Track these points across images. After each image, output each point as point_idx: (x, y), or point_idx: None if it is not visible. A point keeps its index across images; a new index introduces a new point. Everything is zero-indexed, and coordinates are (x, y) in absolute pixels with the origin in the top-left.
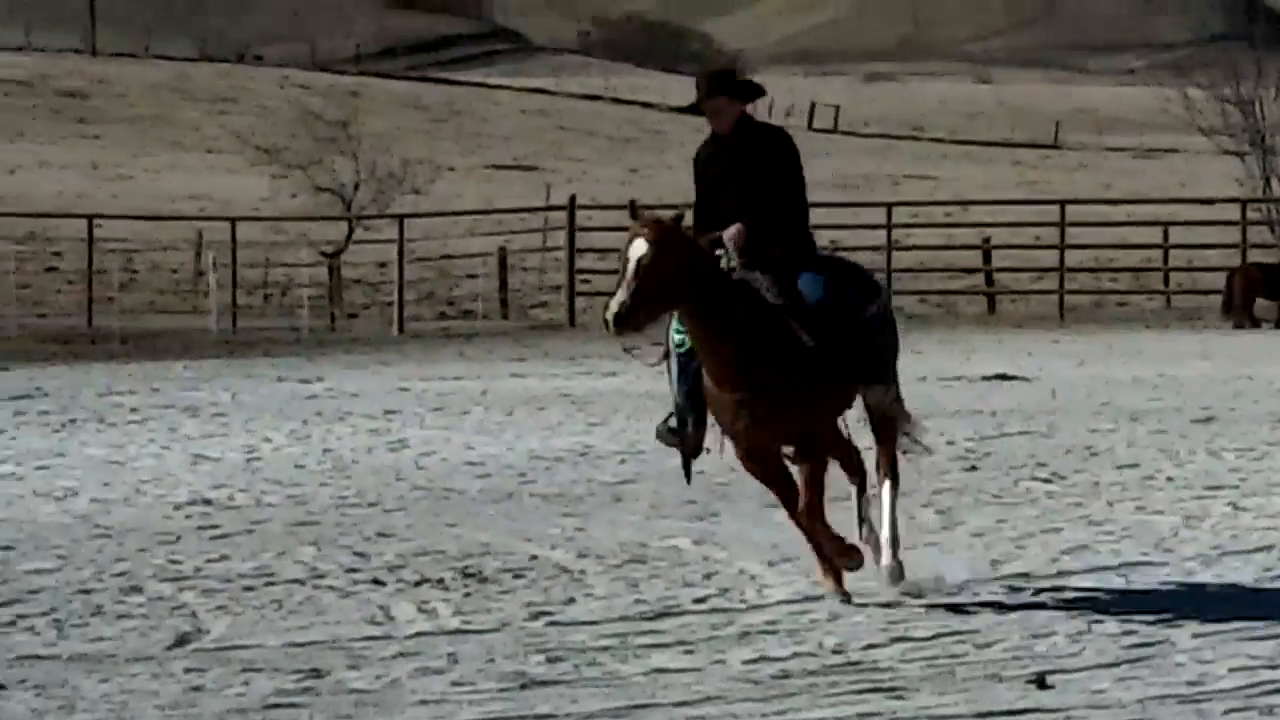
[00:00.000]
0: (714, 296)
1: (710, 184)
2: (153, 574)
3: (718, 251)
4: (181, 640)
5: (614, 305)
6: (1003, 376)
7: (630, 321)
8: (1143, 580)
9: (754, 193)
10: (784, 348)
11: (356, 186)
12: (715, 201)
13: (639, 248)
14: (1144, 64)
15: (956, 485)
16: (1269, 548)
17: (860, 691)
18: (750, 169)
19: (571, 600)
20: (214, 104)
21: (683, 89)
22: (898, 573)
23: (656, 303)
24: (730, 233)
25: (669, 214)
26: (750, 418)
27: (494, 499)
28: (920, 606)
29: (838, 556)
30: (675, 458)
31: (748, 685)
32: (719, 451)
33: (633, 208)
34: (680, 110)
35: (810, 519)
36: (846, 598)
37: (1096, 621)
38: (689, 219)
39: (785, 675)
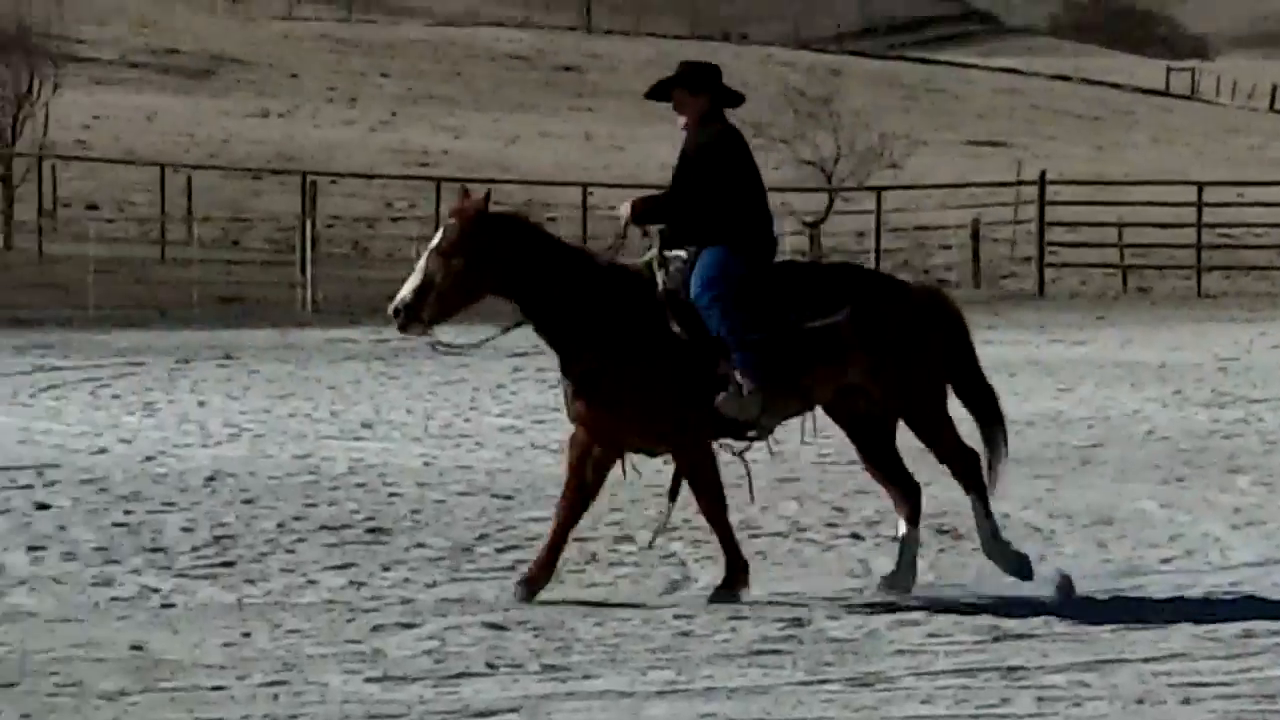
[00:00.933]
0: (543, 283)
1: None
2: (643, 525)
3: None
4: (671, 587)
5: (395, 300)
6: None
7: (413, 318)
8: None
9: (687, 184)
10: (632, 337)
11: (837, 160)
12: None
13: (439, 235)
14: None
15: None
16: None
17: None
18: (691, 163)
19: (1042, 558)
20: None
21: (1150, 71)
22: None
23: (453, 295)
24: (624, 207)
25: (480, 191)
26: (579, 407)
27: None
28: None
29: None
30: (1143, 424)
31: (1211, 644)
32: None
33: (464, 190)
34: (1147, 92)
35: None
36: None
37: None
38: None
39: (1248, 635)
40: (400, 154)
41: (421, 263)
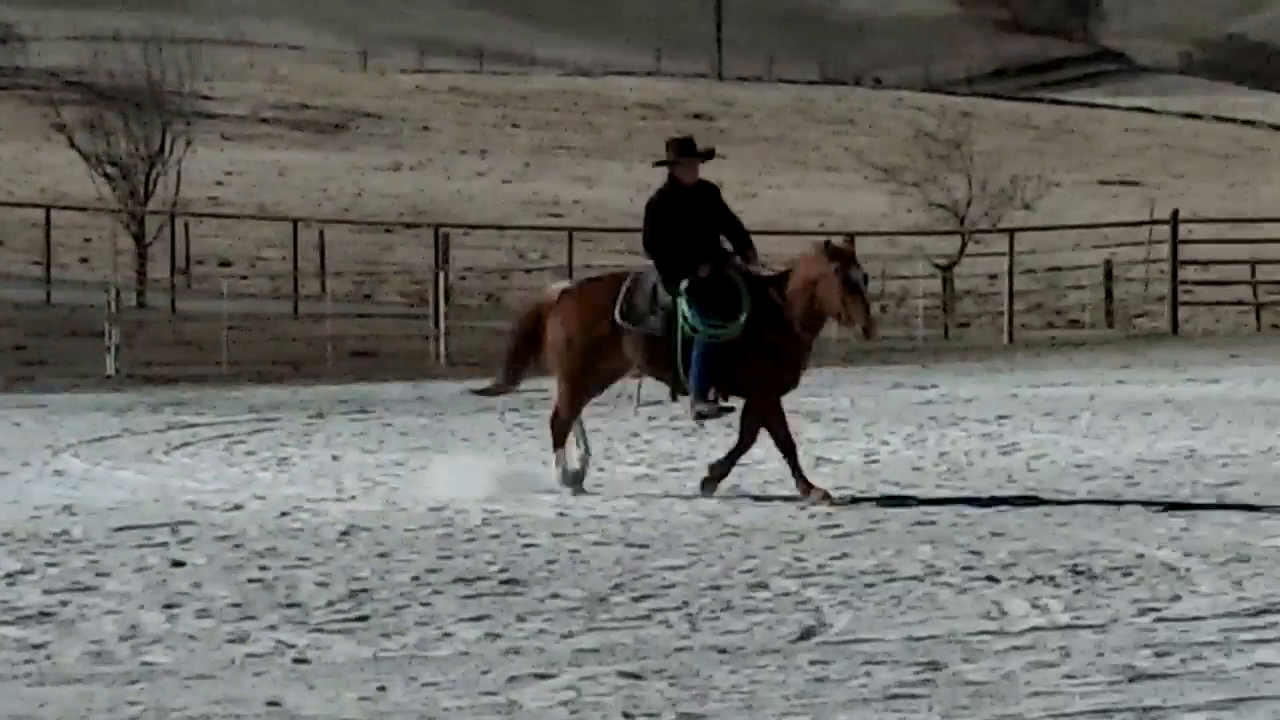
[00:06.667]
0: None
1: (684, 223)
2: (779, 570)
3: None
4: (806, 634)
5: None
6: None
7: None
8: None
9: (718, 228)
10: None
11: (969, 202)
12: (691, 235)
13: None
14: None
15: None
16: None
17: None
18: (712, 209)
19: (1178, 597)
20: (834, 125)
21: None
22: None
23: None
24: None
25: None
26: None
27: (1102, 500)
28: None
29: None
30: (1278, 461)
31: None
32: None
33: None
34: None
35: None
36: None
37: None
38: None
39: None
40: (532, 205)
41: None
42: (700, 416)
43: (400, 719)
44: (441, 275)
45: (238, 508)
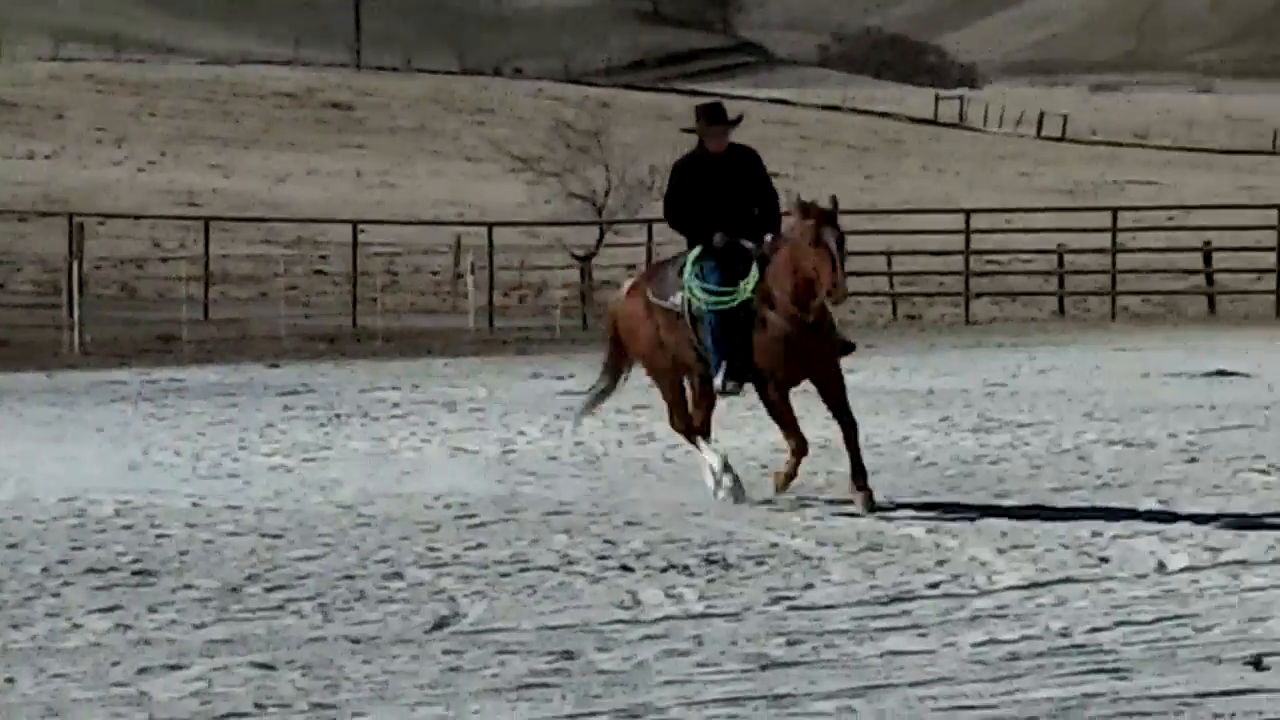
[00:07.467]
0: None
1: (706, 190)
2: (413, 560)
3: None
4: (440, 623)
5: None
6: (1222, 373)
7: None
8: None
9: (748, 196)
10: None
11: (607, 193)
12: (712, 203)
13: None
14: None
15: (1177, 477)
16: None
17: (1085, 672)
18: (742, 177)
19: (811, 585)
20: (473, 115)
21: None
22: None
23: None
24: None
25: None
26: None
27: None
28: (1143, 592)
29: None
30: (911, 450)
31: (978, 667)
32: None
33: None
34: (916, 121)
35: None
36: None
37: None
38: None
39: (1014, 657)
40: (169, 194)
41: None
42: (722, 392)
43: (28, 711)
44: (75, 264)
45: None
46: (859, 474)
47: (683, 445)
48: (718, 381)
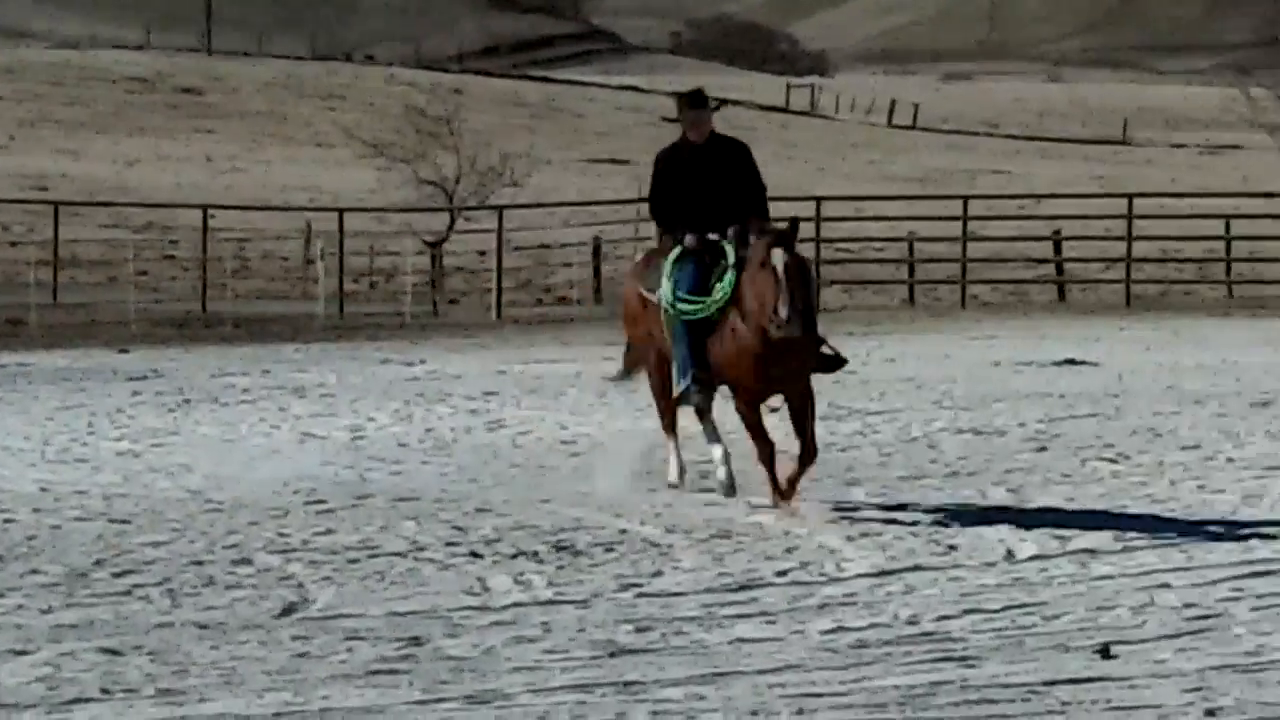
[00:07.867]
0: None
1: (686, 180)
2: (262, 546)
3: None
4: (289, 609)
5: None
6: (1072, 361)
7: None
8: (1203, 556)
9: (731, 186)
10: None
11: (458, 179)
12: (692, 194)
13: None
14: (1212, 64)
15: (1026, 465)
16: None
17: (933, 660)
18: (725, 169)
19: (659, 573)
20: (324, 101)
21: (770, 88)
22: None
23: None
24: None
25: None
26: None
27: (586, 476)
28: (991, 580)
29: None
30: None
31: (826, 654)
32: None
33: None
34: (766, 108)
35: None
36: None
37: (1159, 594)
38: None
39: (862, 645)
40: (18, 178)
41: None
42: (681, 401)
43: None
44: None
45: None
46: (790, 489)
47: (534, 432)
48: (678, 389)
